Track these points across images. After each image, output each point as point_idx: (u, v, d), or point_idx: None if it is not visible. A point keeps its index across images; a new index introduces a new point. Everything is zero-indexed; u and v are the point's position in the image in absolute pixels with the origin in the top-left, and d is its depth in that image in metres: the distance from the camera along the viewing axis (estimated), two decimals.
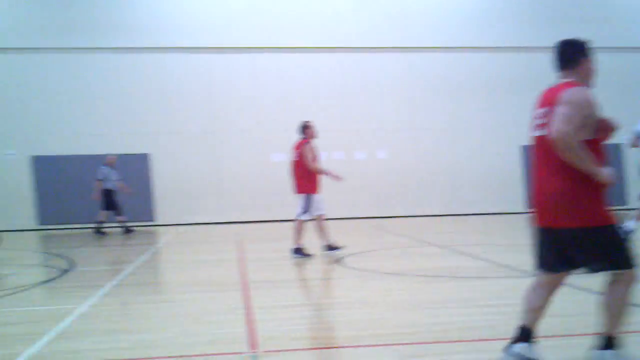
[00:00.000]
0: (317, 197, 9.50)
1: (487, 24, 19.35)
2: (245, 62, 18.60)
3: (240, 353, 4.39)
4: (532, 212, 3.93)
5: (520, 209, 18.46)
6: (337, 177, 9.62)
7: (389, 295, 6.55)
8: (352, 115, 18.88)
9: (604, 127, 3.72)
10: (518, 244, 10.39)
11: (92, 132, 17.91)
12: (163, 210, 18.13)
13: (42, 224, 17.74)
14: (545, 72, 19.51)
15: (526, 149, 19.07)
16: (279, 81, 18.63)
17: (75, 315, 5.76)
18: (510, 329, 3.97)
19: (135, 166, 17.63)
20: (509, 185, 19.26)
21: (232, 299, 6.39)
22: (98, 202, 15.35)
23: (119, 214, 15.38)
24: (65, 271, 8.88)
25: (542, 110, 3.80)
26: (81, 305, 6.18)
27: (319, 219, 9.65)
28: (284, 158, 18.41)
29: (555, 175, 3.68)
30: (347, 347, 4.53)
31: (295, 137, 9.90)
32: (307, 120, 9.99)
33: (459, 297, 6.34)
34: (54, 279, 8.32)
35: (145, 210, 17.93)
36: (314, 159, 9.46)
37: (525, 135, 15.36)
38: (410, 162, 19.01)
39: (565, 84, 3.78)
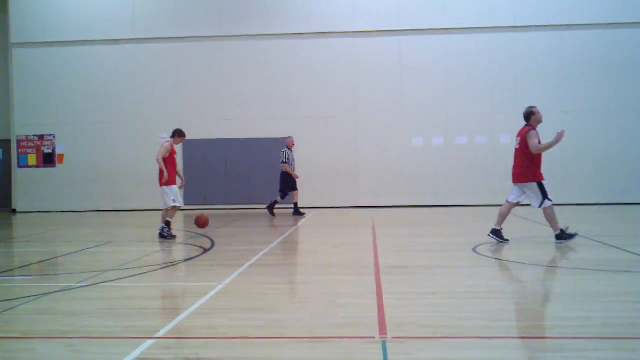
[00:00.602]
0: (544, 184, 9.25)
1: None
2: (390, 45, 18.55)
3: (370, 337, 4.42)
4: None
5: None
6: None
7: (525, 286, 6.30)
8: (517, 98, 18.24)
9: None
10: None
11: (237, 117, 18.73)
12: (301, 193, 18.57)
13: (187, 204, 18.85)
14: None
15: None
16: (421, 64, 18.39)
17: (213, 293, 6.06)
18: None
19: (275, 151, 18.19)
20: None
21: (365, 284, 6.43)
22: (281, 182, 15.68)
23: (293, 196, 15.87)
24: (206, 250, 9.37)
25: None
26: (220, 284, 6.49)
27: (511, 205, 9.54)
28: (422, 142, 18.47)
29: None
30: (477, 337, 4.41)
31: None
32: (532, 106, 9.61)
33: (601, 291, 5.97)
34: (196, 256, 8.80)
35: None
36: (537, 146, 9.14)
37: None
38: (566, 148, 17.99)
39: None
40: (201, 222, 11.97)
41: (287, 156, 15.59)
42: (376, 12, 18.45)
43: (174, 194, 11.04)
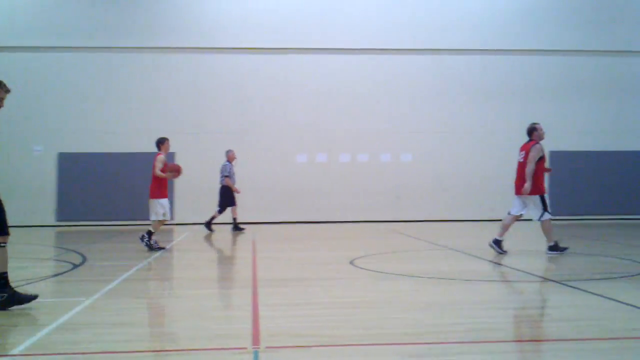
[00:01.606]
0: (545, 197, 9.77)
1: (520, 26, 19.06)
2: (277, 62, 18.66)
3: (242, 348, 4.33)
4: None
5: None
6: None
7: (397, 296, 6.45)
8: (375, 116, 18.76)
9: None
10: (529, 250, 10.23)
11: (115, 131, 18.07)
12: (182, 209, 18.13)
13: (60, 220, 17.91)
14: (584, 77, 19.33)
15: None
16: (304, 82, 18.62)
17: (80, 308, 5.74)
18: (515, 330, 3.85)
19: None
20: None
21: (241, 296, 6.33)
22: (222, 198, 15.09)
23: (232, 211, 15.27)
24: (77, 266, 8.90)
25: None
26: (87, 299, 6.17)
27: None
28: (306, 159, 18.65)
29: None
30: (350, 345, 4.44)
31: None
32: (535, 122, 10.12)
33: (468, 299, 6.24)
34: (65, 272, 8.33)
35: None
36: (536, 159, 9.65)
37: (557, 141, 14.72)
38: (441, 166, 18.79)
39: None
40: (174, 169, 11.13)
41: (228, 169, 15.16)
42: (264, 29, 18.51)
43: (164, 207, 10.80)
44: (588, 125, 19.12)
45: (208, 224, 15.14)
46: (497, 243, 9.88)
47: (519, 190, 9.89)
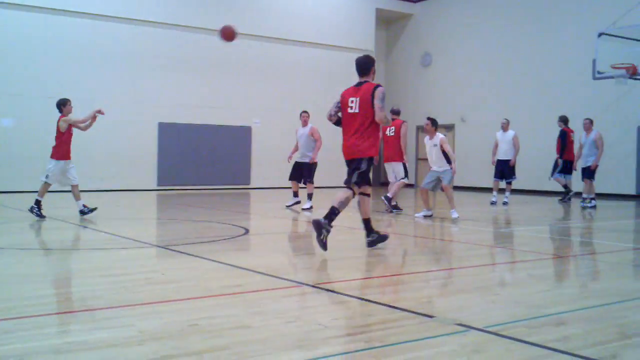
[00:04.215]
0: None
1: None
2: None
3: None
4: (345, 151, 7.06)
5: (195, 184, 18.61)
6: None
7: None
8: None
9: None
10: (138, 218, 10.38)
11: None
12: None
13: None
14: (190, 51, 19.91)
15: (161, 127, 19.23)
16: None
17: None
18: (118, 297, 3.80)
19: None
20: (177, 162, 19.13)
21: None
22: None
23: None
24: None
25: (354, 98, 6.93)
26: None
27: None
28: None
29: (359, 135, 6.92)
30: None
31: None
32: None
33: (77, 267, 6.00)
34: None
35: None
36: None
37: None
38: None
39: (370, 83, 7.01)
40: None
41: None
42: None
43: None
44: (193, 100, 19.90)
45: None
46: (389, 201, 11.90)
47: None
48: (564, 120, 15.79)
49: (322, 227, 6.61)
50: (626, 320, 4.22)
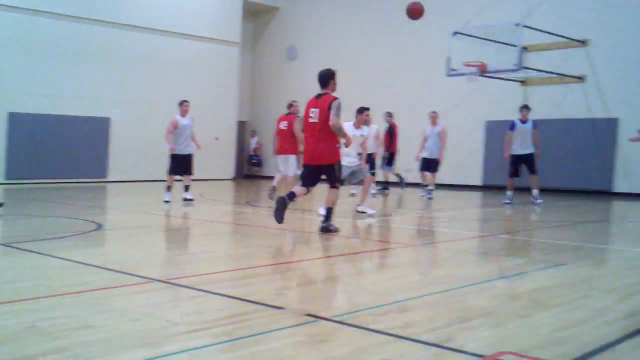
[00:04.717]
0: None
1: None
2: None
3: None
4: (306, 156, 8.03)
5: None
6: None
7: None
8: None
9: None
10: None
11: None
12: None
13: None
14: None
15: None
16: None
17: None
18: None
19: None
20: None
21: None
22: None
23: None
24: None
25: (314, 109, 7.95)
26: None
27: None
28: None
29: (320, 142, 7.90)
30: None
31: None
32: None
33: None
34: None
35: None
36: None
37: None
38: None
39: (329, 95, 8.02)
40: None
41: None
42: None
43: None
44: (48, 89, 18.72)
45: None
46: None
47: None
48: (390, 115, 16.50)
49: (286, 205, 7.80)
50: (466, 304, 4.47)
